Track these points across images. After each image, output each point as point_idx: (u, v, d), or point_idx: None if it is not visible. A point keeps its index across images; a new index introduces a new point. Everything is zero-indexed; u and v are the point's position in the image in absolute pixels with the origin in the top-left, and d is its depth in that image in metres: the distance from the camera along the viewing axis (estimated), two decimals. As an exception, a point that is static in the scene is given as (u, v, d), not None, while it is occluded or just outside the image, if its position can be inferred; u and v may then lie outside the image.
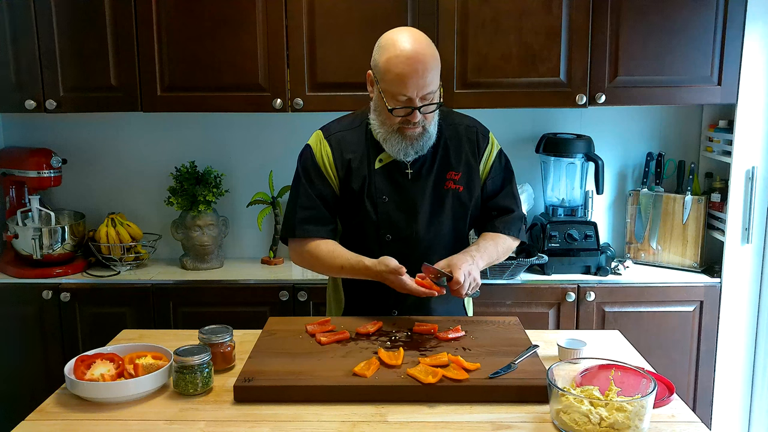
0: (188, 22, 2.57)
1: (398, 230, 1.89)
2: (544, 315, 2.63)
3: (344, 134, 1.92)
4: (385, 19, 2.52)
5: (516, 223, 1.99)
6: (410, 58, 1.71)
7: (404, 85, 1.73)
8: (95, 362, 1.57)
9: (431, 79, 1.74)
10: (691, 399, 2.68)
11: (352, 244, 1.93)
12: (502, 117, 2.89)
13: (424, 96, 1.75)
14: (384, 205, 1.89)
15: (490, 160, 1.96)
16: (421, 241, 1.90)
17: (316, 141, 1.93)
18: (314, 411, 1.45)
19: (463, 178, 1.91)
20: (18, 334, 2.65)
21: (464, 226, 1.96)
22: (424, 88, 1.73)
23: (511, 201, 2.00)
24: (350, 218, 1.94)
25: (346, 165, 1.90)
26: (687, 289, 2.64)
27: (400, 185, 1.89)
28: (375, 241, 1.91)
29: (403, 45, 1.73)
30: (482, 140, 1.95)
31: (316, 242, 1.90)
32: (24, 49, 2.60)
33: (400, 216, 1.89)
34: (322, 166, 1.90)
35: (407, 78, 1.72)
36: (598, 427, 1.32)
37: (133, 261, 2.80)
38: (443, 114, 1.95)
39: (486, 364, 1.57)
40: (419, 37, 1.76)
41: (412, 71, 1.71)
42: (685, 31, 2.54)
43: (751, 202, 2.59)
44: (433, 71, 1.75)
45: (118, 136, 2.95)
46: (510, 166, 2.02)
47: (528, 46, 2.56)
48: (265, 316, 1.95)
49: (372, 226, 1.90)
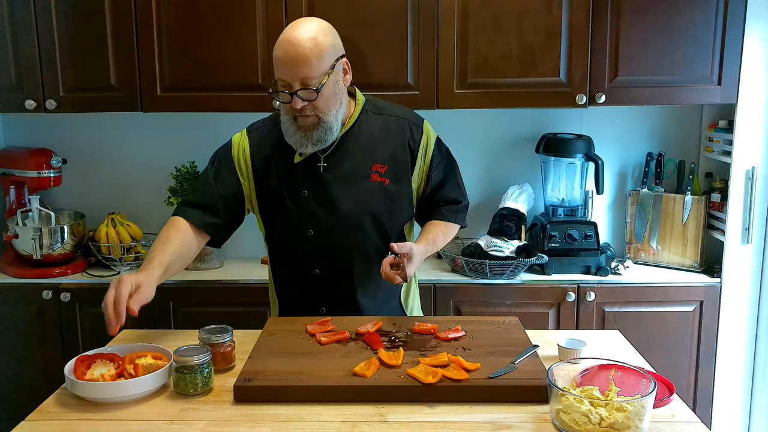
0: (188, 22, 2.57)
1: (318, 225, 1.87)
2: (544, 315, 2.63)
3: (265, 129, 1.94)
4: (385, 19, 2.53)
5: (463, 212, 2.02)
6: (289, 42, 1.72)
7: (281, 68, 1.74)
8: (95, 362, 1.57)
9: (311, 66, 1.72)
10: (691, 399, 2.68)
11: (277, 241, 1.94)
12: (502, 117, 2.89)
13: (305, 83, 1.73)
14: (304, 200, 1.87)
15: (429, 151, 1.93)
16: (344, 235, 1.88)
17: (238, 136, 1.96)
18: (314, 411, 1.45)
19: (390, 170, 1.89)
20: (18, 334, 2.65)
21: (394, 219, 1.92)
22: (301, 74, 1.72)
23: (458, 192, 2.01)
24: (272, 215, 1.92)
25: (264, 160, 1.89)
26: (687, 289, 2.64)
27: (318, 178, 1.87)
28: (298, 237, 1.89)
29: (288, 31, 1.74)
30: (416, 131, 1.92)
31: (176, 224, 1.85)
32: (24, 49, 2.60)
33: (321, 210, 1.87)
34: (235, 160, 1.91)
35: (283, 63, 1.73)
36: (598, 427, 1.32)
37: (133, 261, 2.80)
38: (374, 105, 1.94)
39: (486, 364, 1.57)
40: (307, 25, 1.75)
41: (288, 56, 1.72)
42: (685, 31, 2.54)
43: (751, 202, 2.59)
44: (313, 58, 1.72)
45: (118, 136, 2.95)
46: (450, 154, 2.00)
47: (528, 46, 2.56)
48: (265, 316, 1.95)
49: (293, 222, 1.88)
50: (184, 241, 1.84)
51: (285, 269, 1.98)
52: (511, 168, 2.94)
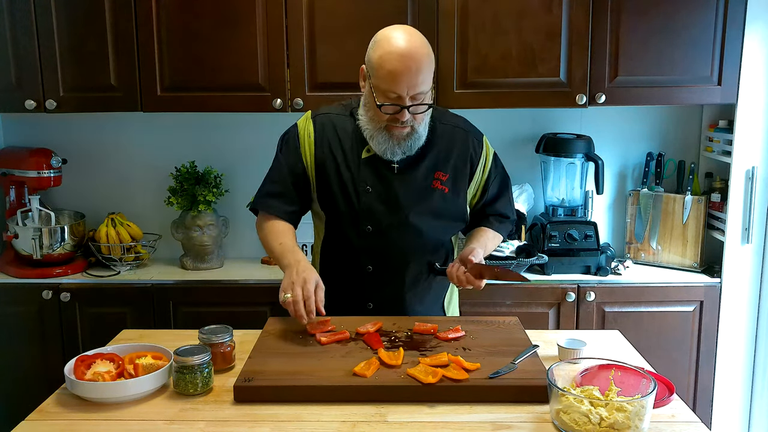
0: (188, 22, 2.57)
1: (378, 222, 1.88)
2: (544, 315, 2.63)
3: (332, 117, 1.94)
4: (385, 18, 2.50)
5: (509, 227, 2.09)
6: (404, 55, 1.71)
7: (395, 82, 1.72)
8: (95, 362, 1.57)
9: (423, 79, 1.73)
10: (691, 399, 2.68)
11: (332, 233, 1.94)
12: (502, 117, 2.89)
13: (414, 96, 1.74)
14: (367, 195, 1.88)
15: (488, 166, 1.97)
16: (401, 236, 1.89)
17: (303, 120, 1.96)
18: (314, 411, 1.45)
19: (450, 180, 1.91)
20: (18, 334, 2.65)
21: (444, 227, 1.95)
22: (415, 87, 1.72)
23: (509, 209, 2.07)
24: (331, 206, 1.92)
25: (327, 148, 1.90)
26: (687, 289, 2.64)
27: (385, 177, 1.88)
28: (354, 231, 1.90)
29: (398, 42, 1.72)
30: (477, 146, 1.95)
31: (267, 217, 1.93)
32: (24, 49, 2.60)
33: (382, 208, 1.88)
34: (301, 142, 1.91)
35: (399, 75, 1.71)
36: (598, 427, 1.32)
37: (133, 261, 2.80)
38: (438, 113, 1.95)
39: (486, 364, 1.57)
40: (415, 36, 1.75)
41: (405, 69, 1.70)
42: (685, 31, 2.54)
43: (751, 202, 2.59)
44: (426, 71, 1.73)
45: (118, 136, 2.95)
46: (505, 170, 2.05)
47: (528, 46, 2.56)
48: (265, 316, 1.95)
49: (352, 216, 1.89)
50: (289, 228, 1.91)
51: (337, 262, 1.98)
52: (511, 168, 2.86)
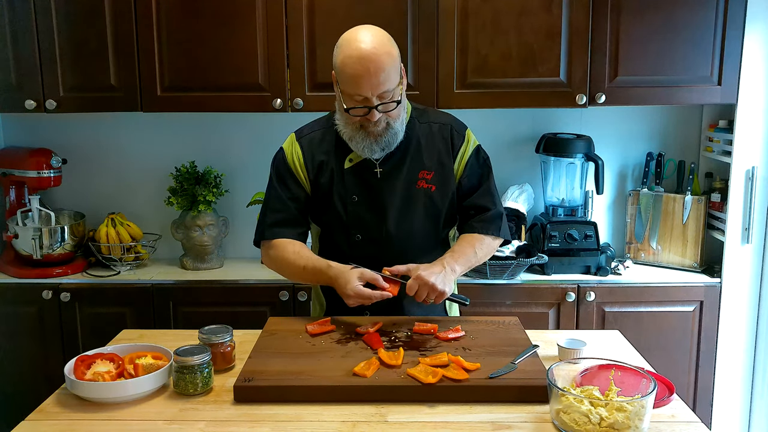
0: (188, 22, 2.57)
1: (368, 230, 1.89)
2: (544, 315, 2.63)
3: (315, 134, 1.93)
4: (385, 19, 2.52)
5: (495, 222, 1.94)
6: (362, 57, 1.70)
7: (357, 85, 1.72)
8: (95, 362, 1.57)
9: (385, 78, 1.72)
10: (691, 399, 2.68)
11: (326, 244, 1.95)
12: (502, 117, 2.89)
13: (381, 95, 1.73)
14: (354, 205, 1.88)
15: (465, 157, 1.93)
16: (392, 242, 1.89)
17: (289, 143, 1.94)
18: (314, 411, 1.45)
19: (436, 177, 1.90)
20: (18, 334, 2.65)
21: (438, 226, 1.94)
22: (377, 87, 1.72)
23: (488, 199, 1.95)
24: (321, 218, 1.94)
25: (317, 166, 1.90)
26: (687, 289, 2.64)
27: (370, 185, 1.88)
28: (345, 242, 1.91)
29: (356, 45, 1.72)
30: (457, 138, 1.93)
31: (284, 244, 1.90)
32: (24, 49, 2.60)
33: (370, 216, 1.88)
34: (293, 168, 1.91)
35: (359, 78, 1.71)
36: (598, 427, 1.32)
37: (133, 261, 2.80)
38: (418, 112, 1.94)
39: (486, 364, 1.57)
40: (375, 36, 1.74)
41: (364, 71, 1.70)
42: (685, 31, 2.54)
43: (751, 202, 2.59)
44: (388, 69, 1.72)
45: (118, 136, 2.95)
46: (488, 163, 1.98)
47: (528, 46, 2.56)
48: (265, 316, 1.95)
49: (342, 227, 1.90)
50: (301, 245, 1.92)
51: None
52: (511, 168, 2.94)
